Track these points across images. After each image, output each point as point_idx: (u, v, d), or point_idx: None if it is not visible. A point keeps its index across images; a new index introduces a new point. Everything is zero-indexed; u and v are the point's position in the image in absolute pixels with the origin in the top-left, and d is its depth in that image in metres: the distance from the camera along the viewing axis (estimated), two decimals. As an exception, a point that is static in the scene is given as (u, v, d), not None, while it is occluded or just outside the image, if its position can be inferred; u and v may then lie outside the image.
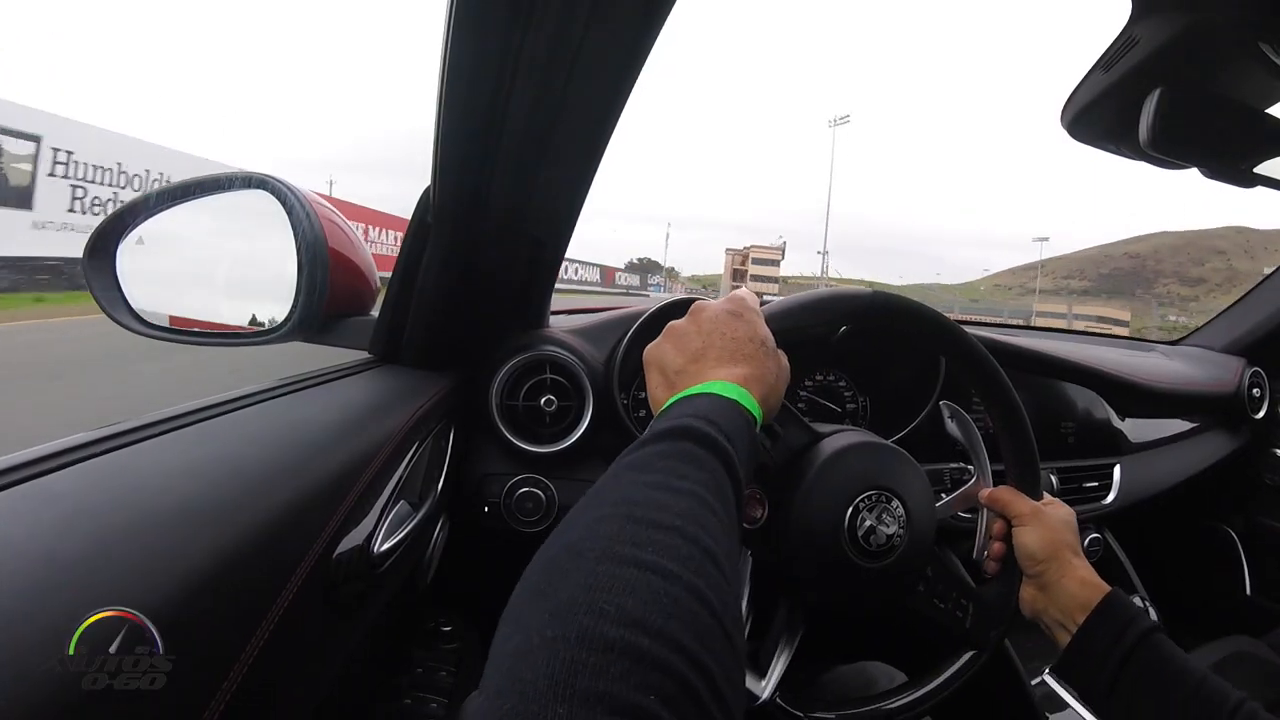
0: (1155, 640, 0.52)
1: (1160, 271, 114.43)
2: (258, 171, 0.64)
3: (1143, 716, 0.50)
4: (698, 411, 0.39)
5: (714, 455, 0.36)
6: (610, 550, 0.27)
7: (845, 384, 0.99)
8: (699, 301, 0.50)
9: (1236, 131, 0.65)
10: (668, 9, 0.47)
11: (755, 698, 0.54)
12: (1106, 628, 0.53)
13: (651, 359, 0.48)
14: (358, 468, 0.51)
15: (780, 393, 0.48)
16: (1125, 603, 0.55)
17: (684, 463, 0.34)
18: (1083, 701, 0.55)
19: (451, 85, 0.51)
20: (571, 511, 0.32)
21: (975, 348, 0.60)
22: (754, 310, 0.49)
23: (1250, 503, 1.36)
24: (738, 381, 0.43)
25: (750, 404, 0.42)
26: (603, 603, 0.24)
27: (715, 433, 0.37)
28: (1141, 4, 0.59)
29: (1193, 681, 0.49)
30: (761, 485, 0.56)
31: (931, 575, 0.58)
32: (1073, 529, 0.60)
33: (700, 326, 0.47)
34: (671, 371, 0.46)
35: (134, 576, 0.31)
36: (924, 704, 0.58)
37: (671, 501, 0.31)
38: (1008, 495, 0.62)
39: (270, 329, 0.64)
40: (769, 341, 0.48)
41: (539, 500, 0.77)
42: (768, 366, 0.46)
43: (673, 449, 0.35)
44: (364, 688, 0.69)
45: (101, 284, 0.60)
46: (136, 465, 0.40)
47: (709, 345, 0.46)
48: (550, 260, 0.79)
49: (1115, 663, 0.51)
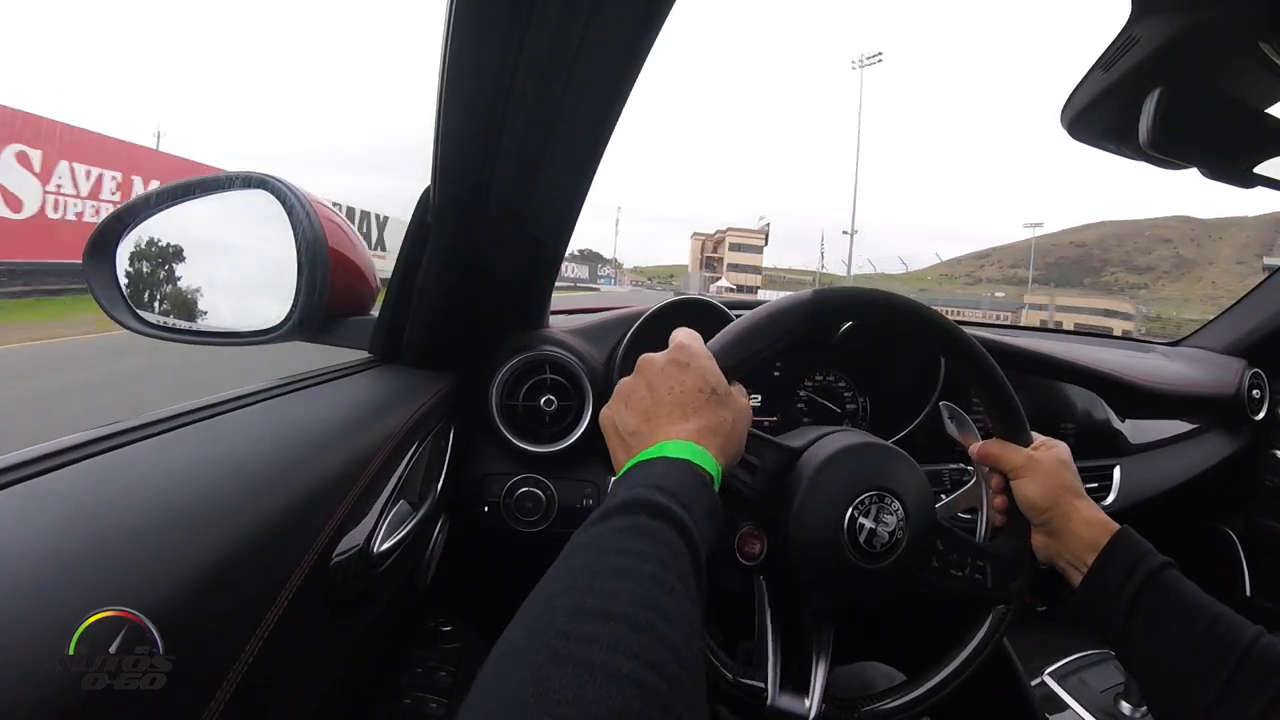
0: (1167, 577, 0.52)
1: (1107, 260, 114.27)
2: (258, 171, 0.64)
3: (1159, 652, 0.50)
4: (650, 479, 0.39)
5: (670, 526, 0.35)
6: (557, 649, 0.27)
7: (845, 384, 0.99)
8: (645, 355, 0.49)
9: (1236, 131, 0.65)
10: (668, 9, 0.47)
11: (802, 717, 0.53)
12: (1117, 566, 0.53)
13: (606, 422, 0.48)
14: (357, 467, 0.51)
15: (741, 436, 0.48)
16: (1134, 540, 0.54)
17: (639, 539, 0.34)
18: (1100, 637, 0.55)
19: (451, 85, 0.51)
20: (532, 593, 0.32)
21: (918, 309, 0.59)
22: (700, 355, 0.48)
23: (1250, 504, 1.36)
24: (690, 438, 0.43)
25: (705, 460, 0.42)
26: (548, 710, 0.24)
27: (670, 501, 0.37)
28: (1141, 4, 0.59)
29: (1208, 616, 0.49)
30: (753, 519, 0.56)
31: (943, 548, 0.58)
32: (1070, 468, 0.60)
33: (648, 381, 0.47)
34: (626, 434, 0.46)
35: (134, 576, 0.31)
36: (965, 669, 0.59)
37: (625, 588, 0.31)
38: (997, 448, 0.61)
39: (270, 329, 0.64)
40: (720, 386, 0.47)
41: (538, 500, 0.77)
42: (721, 415, 0.46)
43: (628, 523, 0.35)
44: (364, 687, 0.69)
45: (101, 283, 0.60)
46: (136, 464, 0.40)
47: (659, 402, 0.45)
48: (550, 260, 0.79)
49: (1128, 600, 0.51)
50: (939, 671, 0.59)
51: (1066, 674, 1.02)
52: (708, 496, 0.40)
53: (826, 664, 0.56)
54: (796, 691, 0.55)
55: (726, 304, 0.92)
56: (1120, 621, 0.51)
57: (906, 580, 0.55)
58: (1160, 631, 0.50)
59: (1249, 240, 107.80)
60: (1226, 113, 0.64)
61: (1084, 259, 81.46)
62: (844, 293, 0.57)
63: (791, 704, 0.54)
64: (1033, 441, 0.62)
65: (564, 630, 0.28)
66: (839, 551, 0.52)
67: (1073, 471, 0.60)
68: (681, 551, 0.35)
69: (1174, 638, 0.49)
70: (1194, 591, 0.51)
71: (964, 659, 0.59)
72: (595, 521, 0.36)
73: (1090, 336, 1.70)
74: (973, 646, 0.59)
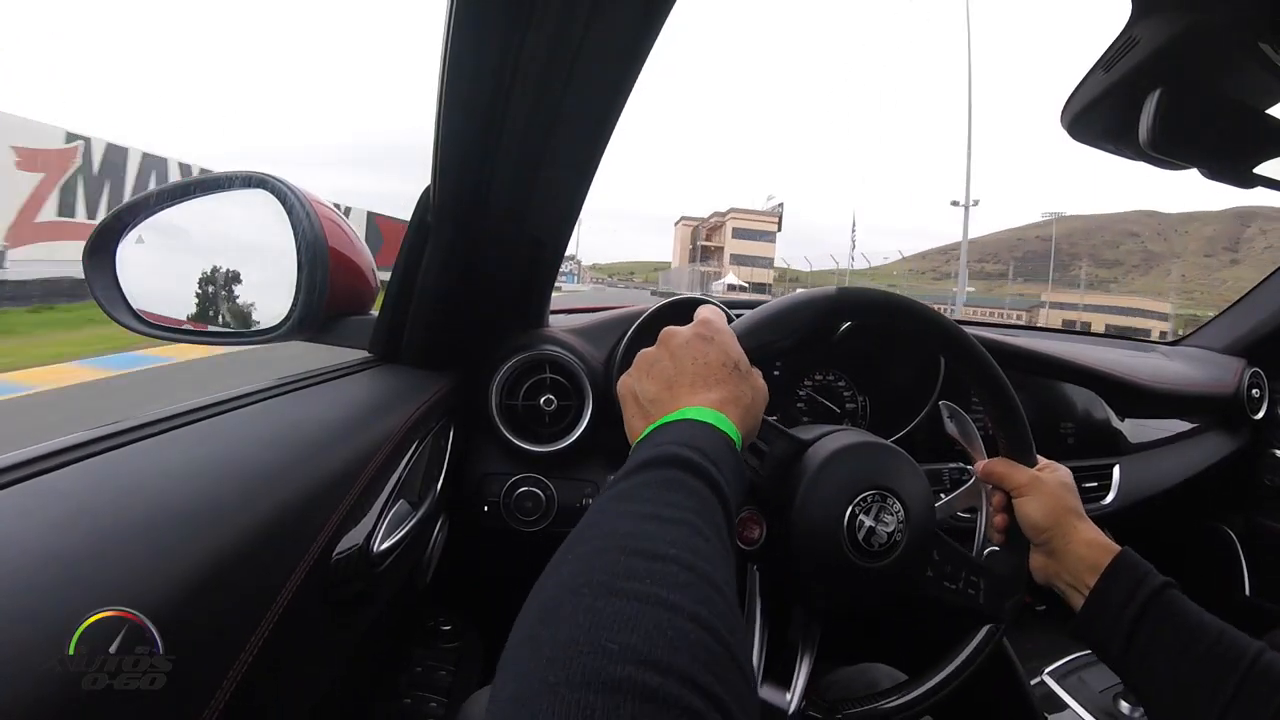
0: (1168, 597, 0.51)
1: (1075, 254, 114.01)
2: (258, 171, 0.64)
3: (1161, 672, 0.50)
4: (677, 438, 0.39)
5: (700, 480, 0.35)
6: (608, 584, 0.26)
7: (845, 384, 0.99)
8: (669, 328, 0.49)
9: (1236, 132, 0.65)
10: (668, 9, 0.47)
11: (782, 711, 0.53)
12: (1118, 588, 0.53)
13: (625, 389, 0.48)
14: (357, 467, 0.51)
15: (758, 414, 0.48)
16: (1135, 561, 0.54)
17: (671, 490, 0.34)
18: (1101, 658, 0.55)
19: (452, 85, 0.51)
20: (561, 548, 0.31)
21: (938, 320, 0.59)
22: (724, 331, 0.48)
23: (1250, 503, 1.36)
24: (713, 406, 0.42)
25: (728, 427, 0.41)
26: (605, 640, 0.24)
27: (699, 457, 0.36)
28: (1142, 4, 0.59)
29: (1210, 636, 0.49)
30: (756, 505, 0.56)
31: (938, 559, 0.58)
32: (1072, 491, 0.60)
33: (672, 353, 0.47)
34: (646, 400, 0.45)
35: (134, 576, 0.31)
36: (951, 682, 0.59)
37: (663, 531, 0.31)
38: (1003, 467, 0.61)
39: (270, 328, 0.64)
40: (742, 363, 0.47)
41: (538, 499, 0.77)
42: (742, 389, 0.46)
43: (657, 477, 0.35)
44: (364, 687, 0.69)
45: (102, 283, 0.60)
46: (137, 464, 0.40)
47: (681, 371, 0.45)
48: (550, 260, 0.79)
49: (1129, 621, 0.51)
50: (922, 683, 0.59)
51: (1066, 673, 1.02)
52: (734, 458, 0.40)
53: (812, 661, 0.56)
54: (778, 685, 0.55)
55: (728, 304, 0.92)
56: (1122, 641, 0.51)
57: (905, 582, 0.55)
58: (1163, 651, 0.50)
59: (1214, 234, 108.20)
60: (1227, 113, 0.64)
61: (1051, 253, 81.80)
62: (866, 293, 0.57)
63: (773, 696, 0.54)
64: (1038, 463, 0.62)
65: (611, 568, 0.28)
66: (838, 547, 0.52)
67: (1074, 494, 0.60)
68: (715, 507, 0.35)
69: (1176, 657, 0.49)
70: (1196, 611, 0.51)
71: (948, 673, 0.59)
72: (625, 476, 0.36)
73: (1091, 336, 1.70)
74: (958, 662, 0.59)
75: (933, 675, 0.59)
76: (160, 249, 0.63)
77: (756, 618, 0.56)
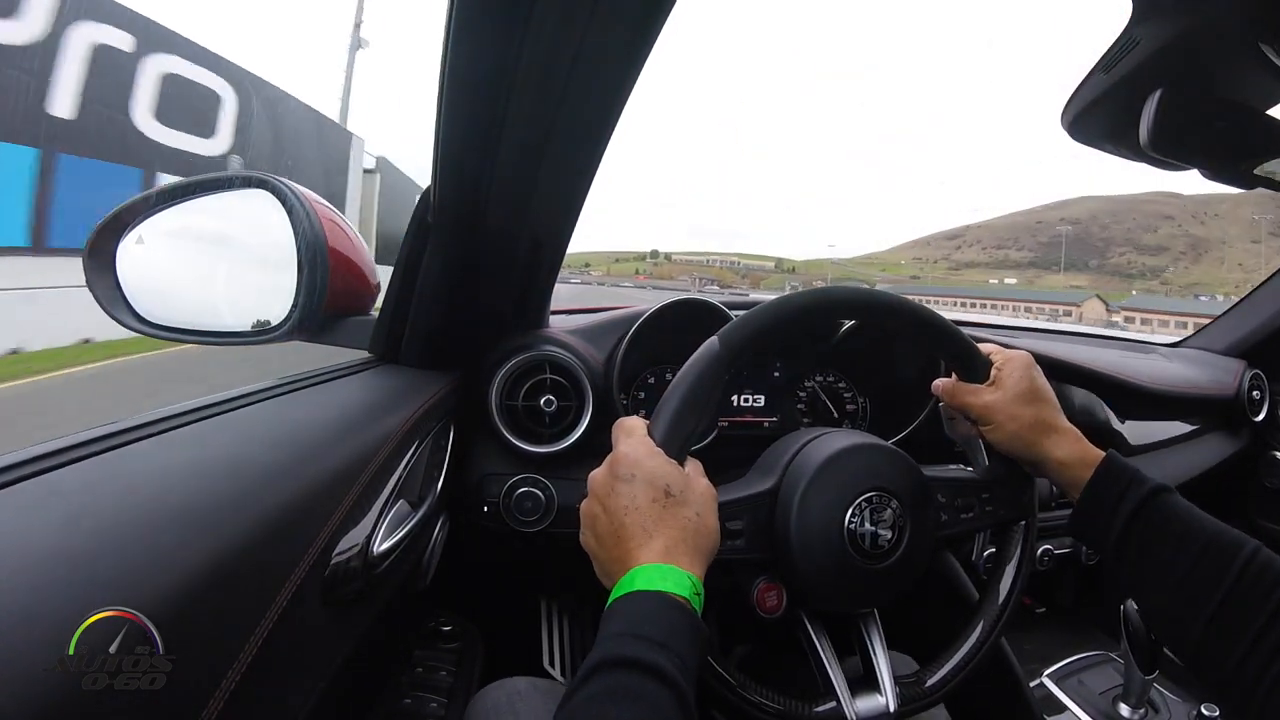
0: (1161, 500, 0.51)
1: (1109, 239, 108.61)
2: (258, 171, 0.64)
3: (1156, 571, 0.50)
4: (628, 623, 0.39)
5: (649, 677, 0.36)
6: None
7: (845, 385, 0.99)
8: (591, 475, 0.48)
9: (1236, 132, 0.65)
10: (668, 10, 0.47)
11: (888, 713, 0.53)
12: (1108, 493, 0.53)
13: (584, 543, 0.48)
14: (357, 467, 0.51)
15: (711, 526, 0.47)
16: (1121, 467, 0.54)
17: (617, 703, 0.35)
18: (1096, 553, 0.54)
19: (452, 86, 0.51)
20: None
21: (840, 297, 0.57)
22: (643, 457, 0.46)
23: (1250, 505, 1.36)
24: (660, 559, 0.42)
25: (679, 583, 0.41)
26: None
27: (646, 651, 0.37)
28: (1142, 5, 0.59)
29: (1205, 534, 0.48)
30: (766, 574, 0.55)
31: (944, 499, 0.58)
32: (1027, 397, 0.57)
33: (605, 508, 0.46)
34: (598, 560, 0.46)
35: (134, 576, 0.31)
36: (1011, 598, 0.59)
37: None
38: (954, 388, 0.60)
39: (270, 328, 0.64)
40: (674, 484, 0.46)
41: (538, 500, 0.77)
42: (684, 517, 0.45)
43: (607, 687, 0.36)
44: (364, 687, 0.69)
45: (102, 283, 0.60)
46: (137, 464, 0.40)
47: (618, 526, 0.45)
48: (550, 260, 0.79)
49: (1122, 522, 0.51)
50: (983, 614, 0.59)
51: (1065, 675, 1.02)
52: (686, 623, 0.40)
53: (887, 656, 0.56)
54: (867, 692, 0.55)
55: (726, 304, 0.92)
56: (1114, 543, 0.51)
57: (914, 574, 0.55)
58: (1156, 550, 0.50)
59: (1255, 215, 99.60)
60: (1226, 113, 0.64)
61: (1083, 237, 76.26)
62: (746, 322, 0.54)
63: (869, 706, 0.53)
64: (992, 365, 0.60)
65: None
66: (845, 559, 0.52)
67: (1035, 400, 0.57)
68: (663, 701, 0.35)
69: (1171, 555, 0.49)
70: (1188, 510, 0.51)
71: (1008, 587, 0.59)
72: (578, 685, 0.37)
73: (1090, 337, 1.70)
74: (1013, 565, 0.59)
75: (992, 601, 0.59)
76: (160, 249, 0.63)
77: (821, 653, 0.55)
